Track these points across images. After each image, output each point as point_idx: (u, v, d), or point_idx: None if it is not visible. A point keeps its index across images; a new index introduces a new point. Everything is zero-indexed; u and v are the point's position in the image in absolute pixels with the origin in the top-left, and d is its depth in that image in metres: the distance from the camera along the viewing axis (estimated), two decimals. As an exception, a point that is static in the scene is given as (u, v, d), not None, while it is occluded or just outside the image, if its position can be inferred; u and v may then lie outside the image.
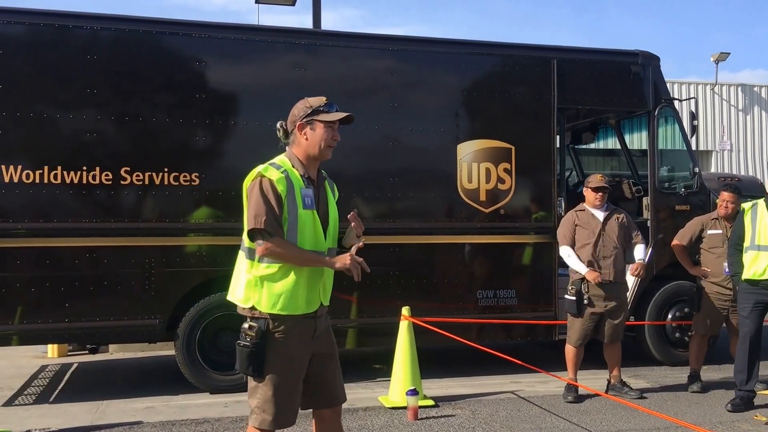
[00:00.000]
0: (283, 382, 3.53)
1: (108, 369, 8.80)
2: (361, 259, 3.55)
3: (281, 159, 3.65)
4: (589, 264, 6.79)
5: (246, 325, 3.54)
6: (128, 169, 6.94)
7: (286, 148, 3.71)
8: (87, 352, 9.42)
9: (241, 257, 3.67)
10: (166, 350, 8.85)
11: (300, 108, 3.65)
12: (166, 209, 7.07)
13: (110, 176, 6.90)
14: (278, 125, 3.71)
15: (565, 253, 6.96)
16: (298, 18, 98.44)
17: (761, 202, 6.61)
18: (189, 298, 7.14)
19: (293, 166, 3.60)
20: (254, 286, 3.55)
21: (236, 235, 7.10)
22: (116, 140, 7.03)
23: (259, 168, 3.56)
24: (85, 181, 6.83)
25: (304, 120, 3.62)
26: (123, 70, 7.07)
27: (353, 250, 3.60)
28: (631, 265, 6.98)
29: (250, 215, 3.50)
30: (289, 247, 3.50)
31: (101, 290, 6.92)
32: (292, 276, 3.52)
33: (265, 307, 3.52)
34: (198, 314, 7.09)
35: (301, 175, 3.59)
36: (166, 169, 7.02)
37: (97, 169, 6.86)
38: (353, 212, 3.69)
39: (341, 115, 3.65)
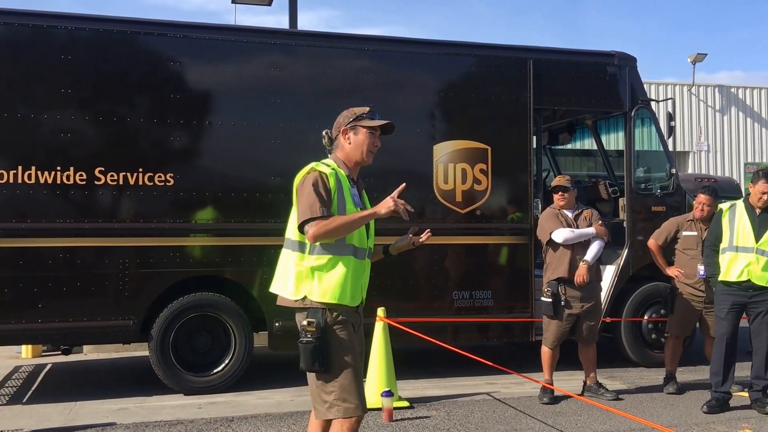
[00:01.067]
0: (354, 368, 3.66)
1: (82, 370, 8.73)
2: (403, 201, 3.67)
3: (328, 160, 3.84)
4: (570, 265, 6.77)
5: (304, 322, 3.64)
6: (102, 169, 6.90)
7: (329, 154, 3.91)
8: (60, 352, 9.32)
9: (288, 253, 3.77)
10: (140, 351, 8.78)
11: (345, 115, 3.86)
12: (140, 209, 7.02)
13: (84, 176, 6.85)
14: (323, 133, 3.91)
15: (559, 235, 6.76)
16: (275, 18, 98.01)
17: (739, 203, 6.64)
18: (163, 298, 7.09)
19: (336, 166, 3.80)
20: (305, 277, 3.67)
21: (210, 236, 7.23)
22: (91, 140, 6.99)
23: (312, 164, 3.76)
24: (59, 181, 6.78)
25: (348, 125, 3.81)
26: (97, 70, 7.03)
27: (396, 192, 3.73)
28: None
29: (303, 207, 3.63)
30: (336, 218, 3.62)
31: (75, 291, 6.87)
32: (341, 267, 3.67)
33: (318, 296, 3.64)
34: (172, 315, 7.04)
35: (347, 176, 3.80)
36: (140, 170, 6.98)
37: (72, 169, 6.81)
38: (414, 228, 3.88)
39: (382, 122, 3.84)
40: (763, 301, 6.43)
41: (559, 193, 6.94)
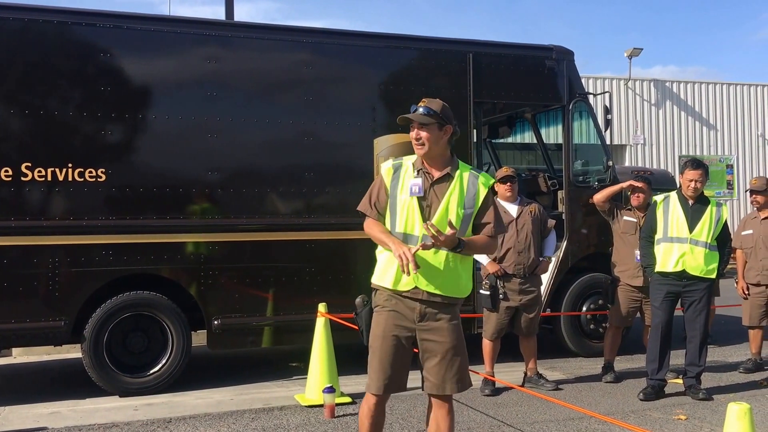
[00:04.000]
0: (379, 351, 3.97)
1: (11, 373, 8.43)
2: (411, 256, 3.74)
3: (409, 155, 4.15)
4: (502, 258, 6.83)
5: (358, 299, 4.23)
6: (30, 164, 6.66)
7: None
8: (-11, 356, 8.99)
9: None
10: (72, 353, 8.52)
11: None
12: (70, 206, 6.79)
13: (10, 172, 6.61)
14: None
15: None
16: (212, 9, 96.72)
17: (673, 194, 6.78)
18: (96, 298, 6.88)
19: (410, 161, 4.06)
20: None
21: (144, 233, 7.03)
22: (16, 135, 6.74)
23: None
24: (-17, 178, 6.50)
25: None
26: (23, 61, 6.75)
27: (416, 247, 3.82)
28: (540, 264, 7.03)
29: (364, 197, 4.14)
30: (371, 226, 4.03)
31: (3, 291, 6.62)
32: (385, 253, 3.99)
33: (373, 277, 4.08)
34: (105, 315, 6.84)
35: (416, 168, 3.99)
36: (70, 165, 6.75)
37: (-4, 165, 6.53)
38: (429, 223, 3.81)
39: (406, 116, 3.99)
40: (696, 290, 6.57)
41: (507, 184, 6.96)
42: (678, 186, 6.92)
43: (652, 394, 6.62)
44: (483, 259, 6.86)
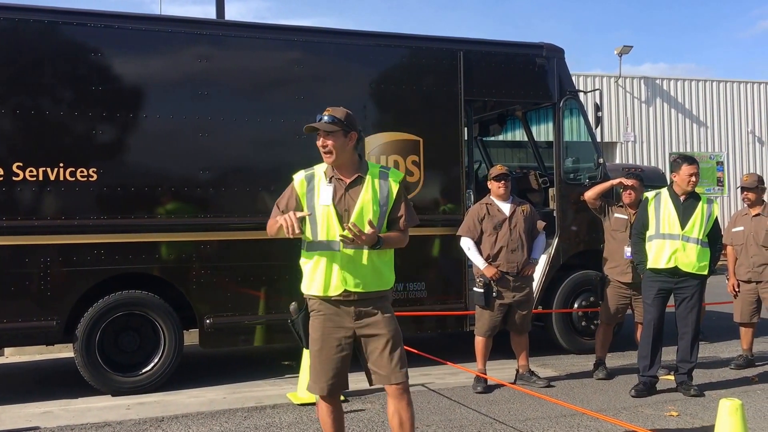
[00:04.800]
0: (318, 353, 4.14)
1: (3, 373, 8.42)
2: (294, 216, 3.92)
3: (321, 164, 4.23)
4: (495, 257, 6.86)
5: (291, 306, 4.34)
6: (21, 164, 6.65)
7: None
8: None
9: None
10: (65, 352, 8.50)
11: None
12: (62, 206, 6.78)
13: (2, 172, 6.61)
14: None
15: (466, 245, 7.05)
16: (202, 9, 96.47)
17: (664, 191, 6.80)
18: (88, 297, 6.87)
19: (322, 169, 4.18)
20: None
21: (136, 232, 7.02)
22: (8, 135, 6.72)
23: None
24: (-25, 178, 6.48)
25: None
26: (14, 61, 6.74)
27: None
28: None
29: None
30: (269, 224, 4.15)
31: (-6, 291, 6.58)
32: (310, 262, 4.13)
33: (302, 287, 4.20)
34: (98, 314, 6.84)
35: (328, 175, 4.12)
36: (61, 165, 6.74)
37: (-12, 164, 6.51)
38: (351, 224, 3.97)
39: (312, 124, 4.11)
40: (688, 286, 6.60)
41: (501, 182, 6.98)
42: (669, 183, 6.94)
43: (644, 391, 6.65)
44: (479, 262, 6.88)
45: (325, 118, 4.10)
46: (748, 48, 77.52)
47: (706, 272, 6.61)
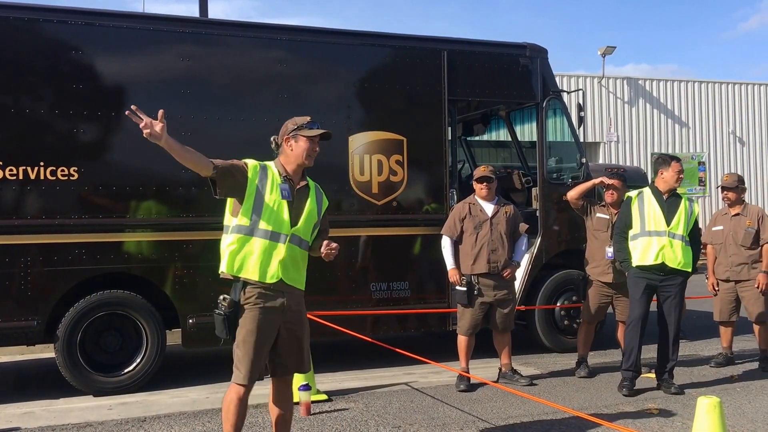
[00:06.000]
0: (254, 343, 4.29)
1: (-16, 374, 8.34)
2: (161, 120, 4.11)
3: (269, 162, 4.47)
4: (475, 256, 6.88)
5: (221, 297, 4.37)
6: (1, 163, 6.57)
7: (276, 156, 4.51)
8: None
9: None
10: (46, 353, 8.44)
11: (288, 125, 4.48)
12: (42, 205, 6.73)
13: (-19, 171, 6.52)
14: (272, 138, 4.52)
15: (443, 243, 7.09)
16: (186, 7, 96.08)
17: (646, 190, 6.84)
18: (69, 297, 6.82)
19: (274, 167, 4.43)
20: (223, 254, 4.40)
21: (117, 231, 6.98)
22: (-13, 133, 6.64)
23: None
24: (-45, 177, 6.43)
25: (290, 134, 4.42)
26: (-7, 58, 6.67)
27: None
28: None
29: None
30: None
31: (-26, 291, 6.52)
32: (233, 244, 4.34)
33: (234, 270, 4.33)
34: (79, 314, 6.78)
35: (281, 174, 4.38)
36: (42, 164, 6.69)
37: (-32, 163, 6.46)
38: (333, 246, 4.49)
39: (320, 131, 4.45)
40: (673, 284, 6.66)
41: (484, 183, 7.00)
42: (651, 181, 6.97)
43: (632, 387, 6.66)
44: (449, 262, 6.99)
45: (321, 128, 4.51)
46: (730, 49, 78.24)
47: (690, 269, 6.67)
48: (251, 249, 4.30)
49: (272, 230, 4.30)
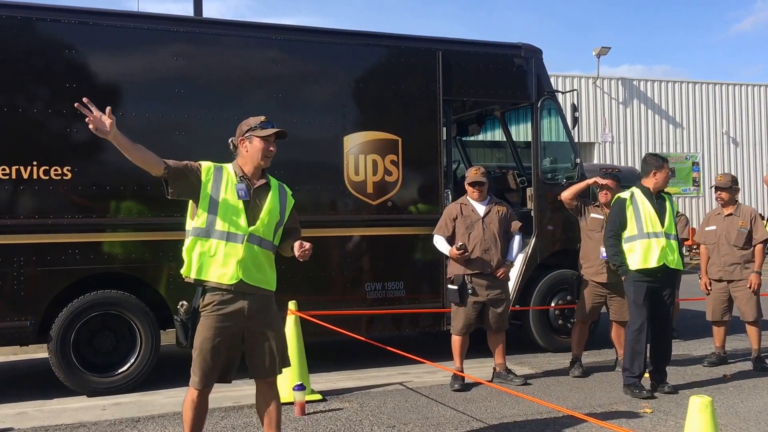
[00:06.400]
0: (207, 352, 4.30)
1: (-23, 374, 8.31)
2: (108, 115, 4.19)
3: (227, 163, 4.44)
4: (468, 256, 6.89)
5: (179, 305, 4.34)
6: (-7, 162, 6.56)
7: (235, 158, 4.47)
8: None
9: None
10: (40, 353, 8.42)
11: (241, 126, 4.46)
12: (35, 204, 6.71)
13: (-26, 170, 6.50)
14: (229, 141, 4.48)
15: (435, 239, 7.13)
16: (181, 6, 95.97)
17: (637, 191, 6.77)
18: (63, 297, 6.80)
19: (231, 168, 4.40)
20: (184, 257, 4.34)
21: (111, 231, 6.97)
22: (-20, 133, 6.62)
23: None
24: (-53, 176, 6.40)
25: (244, 135, 4.41)
26: (-14, 57, 6.65)
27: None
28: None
29: None
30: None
31: (-33, 291, 6.50)
32: (195, 249, 4.30)
33: (192, 273, 4.31)
34: (72, 314, 6.76)
35: (237, 175, 4.35)
36: (35, 163, 6.67)
37: (-40, 162, 6.44)
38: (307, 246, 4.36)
39: (273, 131, 4.42)
40: (669, 284, 6.71)
41: (476, 188, 7.00)
42: (639, 181, 6.92)
43: (649, 391, 6.59)
44: (445, 248, 6.98)
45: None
46: (723, 51, 78.43)
47: (682, 267, 6.69)
48: (209, 250, 4.27)
49: (229, 231, 4.27)
